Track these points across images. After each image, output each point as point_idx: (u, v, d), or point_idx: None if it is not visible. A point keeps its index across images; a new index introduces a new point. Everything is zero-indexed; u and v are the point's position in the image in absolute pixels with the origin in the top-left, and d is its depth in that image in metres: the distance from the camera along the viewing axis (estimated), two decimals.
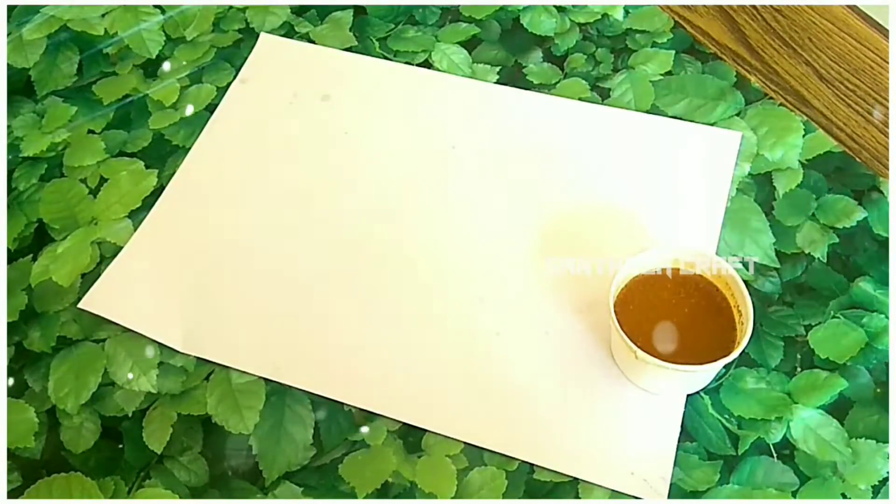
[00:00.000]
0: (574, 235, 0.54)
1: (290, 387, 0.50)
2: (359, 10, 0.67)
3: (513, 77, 0.62)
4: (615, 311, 0.45)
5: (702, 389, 0.48)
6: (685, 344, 0.45)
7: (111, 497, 0.47)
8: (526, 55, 0.63)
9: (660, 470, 0.46)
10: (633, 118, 0.59)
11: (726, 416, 0.48)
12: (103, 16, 0.68)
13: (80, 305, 0.53)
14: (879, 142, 0.57)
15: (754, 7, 0.64)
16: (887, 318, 0.50)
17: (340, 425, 0.49)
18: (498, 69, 0.62)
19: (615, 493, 0.45)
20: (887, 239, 0.53)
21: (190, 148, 0.60)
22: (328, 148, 0.59)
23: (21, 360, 0.52)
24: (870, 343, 0.50)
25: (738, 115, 0.59)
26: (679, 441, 0.47)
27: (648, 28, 0.64)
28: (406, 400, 0.49)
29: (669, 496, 0.45)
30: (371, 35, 0.65)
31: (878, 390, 0.48)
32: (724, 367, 0.47)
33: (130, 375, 0.51)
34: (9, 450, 0.49)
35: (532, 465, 0.47)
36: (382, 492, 0.47)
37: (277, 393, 0.50)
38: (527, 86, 0.62)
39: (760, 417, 0.48)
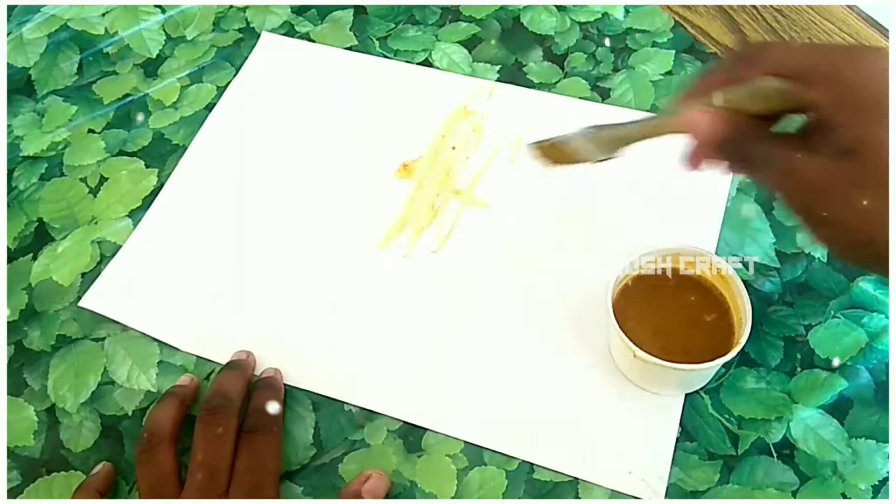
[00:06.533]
0: (574, 235, 0.54)
1: (291, 387, 0.50)
2: (359, 10, 0.67)
3: (513, 76, 0.62)
4: (614, 311, 0.45)
5: (701, 389, 0.48)
6: (685, 343, 0.45)
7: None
8: (526, 54, 0.63)
9: (658, 469, 0.46)
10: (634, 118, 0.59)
11: (726, 416, 0.48)
12: (103, 15, 0.68)
13: (80, 304, 0.53)
14: None
15: (754, 7, 0.64)
16: (887, 318, 0.50)
17: (340, 425, 0.49)
18: (498, 68, 0.62)
19: (615, 493, 0.45)
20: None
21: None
22: (328, 147, 0.59)
23: (21, 359, 0.52)
24: (870, 343, 0.50)
25: None
26: (679, 441, 0.47)
27: (649, 28, 0.64)
28: (406, 399, 0.49)
29: (670, 496, 0.45)
30: (371, 34, 0.65)
31: (878, 390, 0.48)
32: (724, 366, 0.47)
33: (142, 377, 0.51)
34: (8, 448, 0.49)
35: (532, 464, 0.47)
36: None
37: None
38: (527, 85, 0.62)
39: (760, 417, 0.47)
